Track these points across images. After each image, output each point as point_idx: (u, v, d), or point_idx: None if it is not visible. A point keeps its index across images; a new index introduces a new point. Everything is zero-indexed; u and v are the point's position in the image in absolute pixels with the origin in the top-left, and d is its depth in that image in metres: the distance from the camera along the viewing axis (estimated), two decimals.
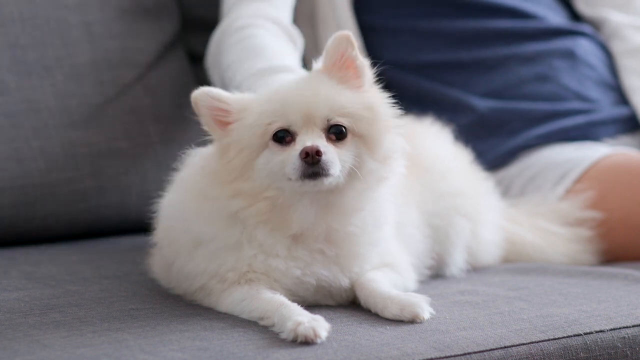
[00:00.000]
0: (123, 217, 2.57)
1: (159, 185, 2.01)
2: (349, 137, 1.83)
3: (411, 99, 2.53)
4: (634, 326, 1.89)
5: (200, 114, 1.87)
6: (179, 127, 2.64)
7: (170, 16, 2.75)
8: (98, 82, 2.58)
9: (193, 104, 1.87)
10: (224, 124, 1.86)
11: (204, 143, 1.95)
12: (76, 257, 2.33)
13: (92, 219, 2.55)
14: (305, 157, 1.77)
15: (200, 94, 1.87)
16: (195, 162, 1.94)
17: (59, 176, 2.49)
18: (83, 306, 1.90)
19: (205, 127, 1.88)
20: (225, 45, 2.40)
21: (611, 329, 1.87)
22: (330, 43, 1.87)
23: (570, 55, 2.78)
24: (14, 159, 2.45)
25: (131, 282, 2.09)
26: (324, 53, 1.88)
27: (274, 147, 1.82)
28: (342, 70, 1.87)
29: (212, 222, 1.87)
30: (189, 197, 1.91)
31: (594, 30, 2.89)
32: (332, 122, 1.82)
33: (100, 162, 2.54)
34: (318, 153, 1.77)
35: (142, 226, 2.14)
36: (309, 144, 1.78)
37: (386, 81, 1.92)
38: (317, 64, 1.89)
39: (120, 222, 2.57)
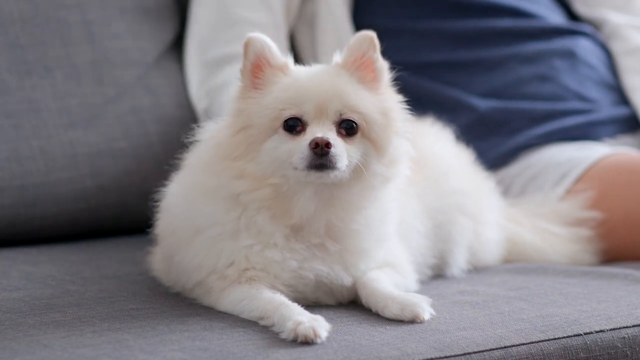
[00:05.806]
0: (123, 217, 2.57)
1: (159, 185, 2.01)
2: (359, 134, 1.84)
3: (411, 99, 2.53)
4: (634, 326, 1.89)
5: (246, 56, 1.86)
6: (179, 127, 2.63)
7: (170, 16, 2.74)
8: (98, 82, 2.58)
9: (244, 44, 1.86)
10: (255, 82, 1.86)
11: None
12: (76, 257, 2.33)
13: (92, 219, 2.54)
14: (315, 148, 1.78)
15: (256, 39, 1.86)
16: (208, 138, 1.93)
17: (59, 176, 2.49)
18: (83, 306, 1.90)
19: (242, 71, 1.87)
20: (218, 100, 2.49)
21: (611, 329, 1.87)
22: (353, 41, 1.87)
23: (570, 55, 2.78)
24: (14, 159, 2.45)
25: (131, 282, 2.09)
26: (345, 49, 1.88)
27: (284, 135, 1.83)
28: (360, 70, 1.87)
29: (213, 201, 1.87)
30: (194, 172, 1.92)
31: (594, 30, 2.89)
32: (344, 116, 1.83)
33: (100, 162, 2.53)
34: (328, 145, 1.78)
35: (142, 226, 2.14)
36: (319, 135, 1.79)
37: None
38: (337, 58, 1.89)
39: (120, 222, 2.57)
